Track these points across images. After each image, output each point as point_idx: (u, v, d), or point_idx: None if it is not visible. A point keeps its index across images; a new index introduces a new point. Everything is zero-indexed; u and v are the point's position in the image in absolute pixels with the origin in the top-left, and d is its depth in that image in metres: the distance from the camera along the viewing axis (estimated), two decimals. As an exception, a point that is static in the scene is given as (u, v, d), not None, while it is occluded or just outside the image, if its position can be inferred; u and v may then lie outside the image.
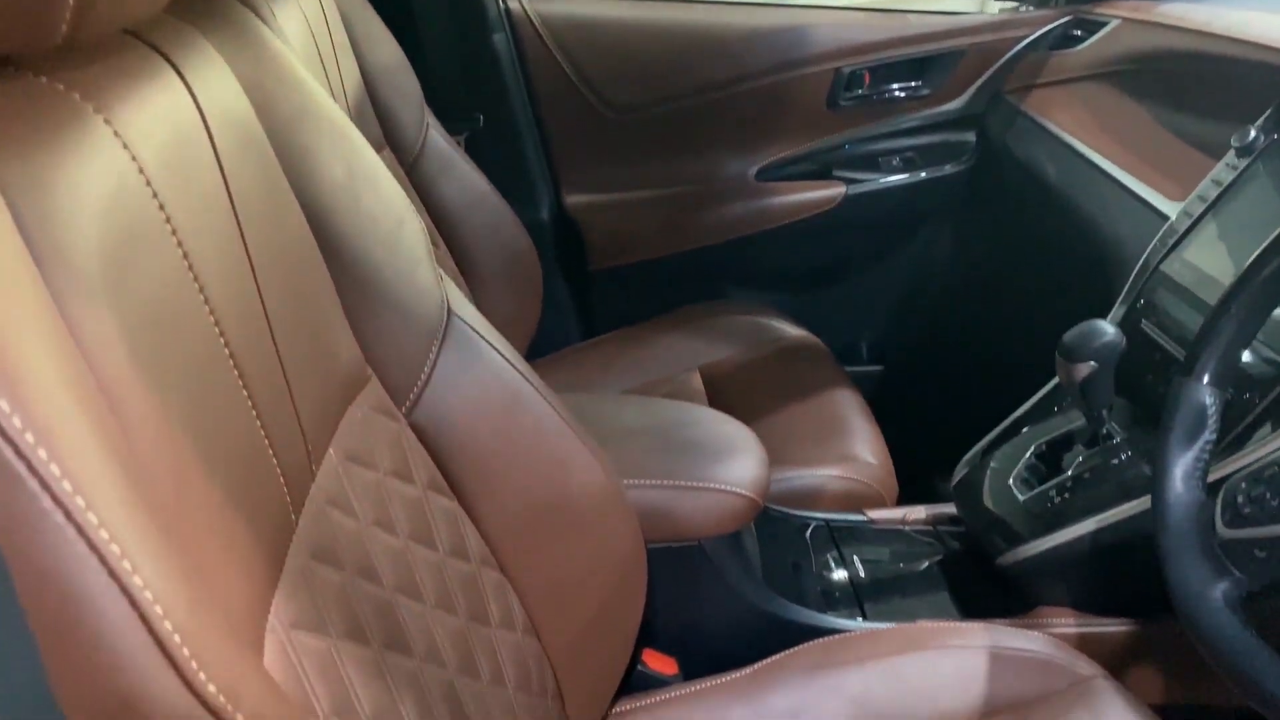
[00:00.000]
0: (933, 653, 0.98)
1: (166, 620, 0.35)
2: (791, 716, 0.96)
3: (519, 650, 0.81)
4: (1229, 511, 0.77)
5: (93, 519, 0.34)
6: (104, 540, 0.34)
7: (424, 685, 0.65)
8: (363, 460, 0.70)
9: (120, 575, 0.34)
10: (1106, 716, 0.90)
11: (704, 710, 0.98)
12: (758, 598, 1.07)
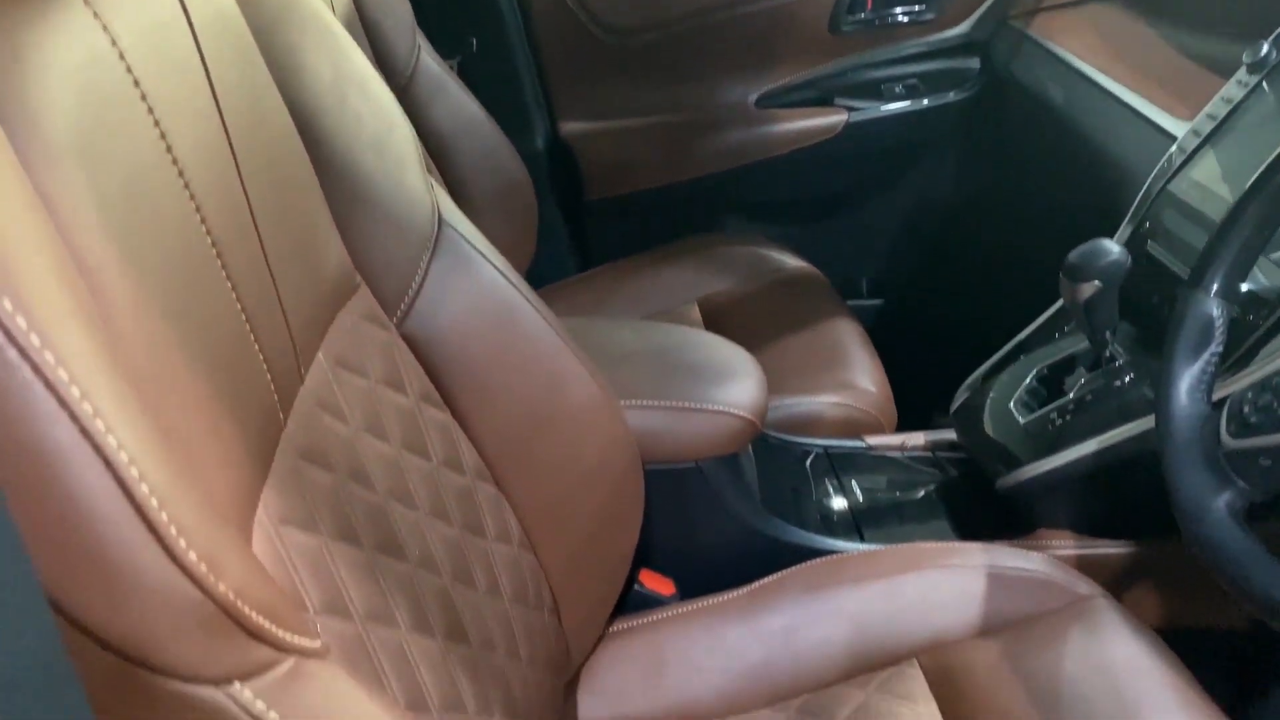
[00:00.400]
0: (930, 572, 0.98)
1: (143, 483, 0.33)
2: (788, 635, 0.96)
3: (515, 564, 0.81)
4: (1234, 422, 0.75)
5: (63, 375, 0.32)
6: (75, 397, 0.32)
7: (418, 590, 0.64)
8: (353, 367, 0.69)
9: (94, 434, 0.32)
10: (1105, 635, 0.90)
11: (700, 629, 0.98)
12: (755, 520, 1.07)
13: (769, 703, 0.93)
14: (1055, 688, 0.86)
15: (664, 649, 0.97)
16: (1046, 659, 0.89)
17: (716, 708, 0.94)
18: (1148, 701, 0.83)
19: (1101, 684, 0.85)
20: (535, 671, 0.79)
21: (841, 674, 0.94)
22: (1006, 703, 0.86)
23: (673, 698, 0.95)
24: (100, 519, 0.33)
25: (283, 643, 0.38)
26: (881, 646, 0.95)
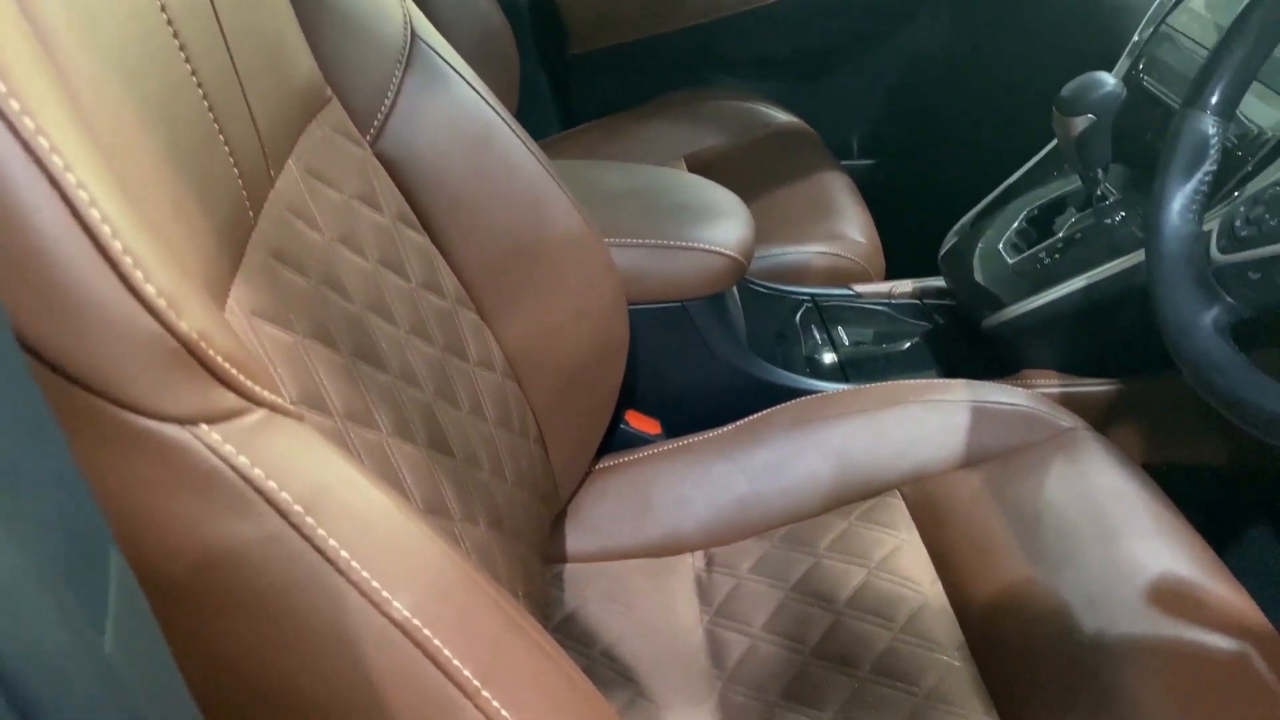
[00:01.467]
0: (914, 407, 0.98)
1: (105, 225, 0.32)
2: (773, 469, 0.97)
3: (499, 390, 0.80)
4: (1225, 238, 0.75)
5: (14, 105, 0.31)
6: (29, 129, 0.31)
7: (399, 400, 0.64)
8: (326, 179, 0.67)
9: (50, 168, 0.31)
10: (1086, 465, 0.91)
11: (686, 464, 0.99)
12: (741, 361, 1.07)
13: (753, 534, 0.95)
14: (1036, 514, 0.88)
15: (650, 484, 0.98)
16: (1028, 488, 0.90)
17: (702, 540, 0.96)
18: (1128, 527, 0.84)
19: (1082, 510, 0.86)
20: (521, 494, 0.80)
21: (825, 506, 0.95)
22: (987, 529, 0.88)
23: (659, 530, 0.97)
24: (57, 250, 0.32)
25: (252, 393, 0.37)
26: (865, 479, 0.96)
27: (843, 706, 0.79)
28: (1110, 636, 0.76)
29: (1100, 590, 0.80)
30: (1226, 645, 0.75)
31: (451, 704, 0.39)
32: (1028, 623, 0.80)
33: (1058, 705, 0.73)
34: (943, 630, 0.82)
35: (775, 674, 0.83)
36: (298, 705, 0.37)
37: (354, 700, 0.38)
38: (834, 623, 0.85)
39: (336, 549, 0.37)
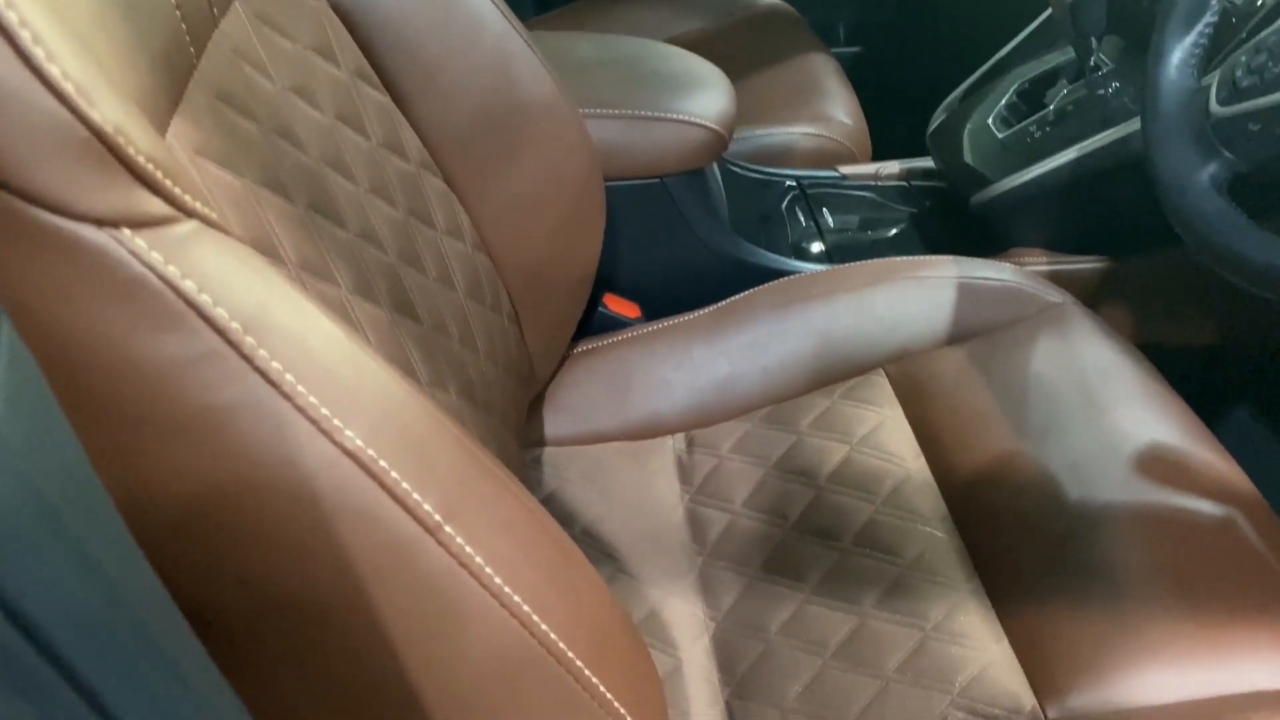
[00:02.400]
0: (900, 284, 0.95)
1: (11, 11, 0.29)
2: (755, 350, 0.95)
3: (469, 262, 0.77)
4: (1224, 90, 0.71)
5: None
6: None
7: (359, 259, 0.61)
8: (277, 26, 0.62)
9: None
10: (1074, 339, 0.89)
11: (666, 346, 0.96)
12: (723, 241, 1.04)
13: (735, 415, 0.93)
14: (1022, 388, 0.86)
15: (630, 367, 0.96)
16: (1014, 362, 0.88)
17: (682, 422, 0.94)
18: (1114, 397, 0.83)
19: (1069, 383, 0.85)
20: (495, 369, 0.78)
21: (808, 386, 0.93)
22: (971, 404, 0.86)
23: (639, 413, 0.95)
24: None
25: (181, 201, 0.34)
26: (848, 358, 0.94)
27: (824, 578, 0.78)
28: (1095, 505, 0.75)
29: (1086, 460, 0.78)
30: (1213, 511, 0.74)
31: (412, 541, 0.37)
32: (1012, 494, 0.79)
33: (1041, 574, 0.73)
34: (926, 503, 0.81)
35: (756, 548, 0.82)
36: (240, 535, 0.35)
37: (304, 535, 0.35)
38: (815, 498, 0.83)
39: (280, 371, 0.35)
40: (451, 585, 0.38)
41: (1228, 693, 0.63)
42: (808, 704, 0.71)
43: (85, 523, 0.23)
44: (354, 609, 0.36)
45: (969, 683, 0.68)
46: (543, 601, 0.40)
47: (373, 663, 0.37)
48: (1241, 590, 0.69)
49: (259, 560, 0.35)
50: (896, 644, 0.72)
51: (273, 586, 0.36)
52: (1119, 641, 0.67)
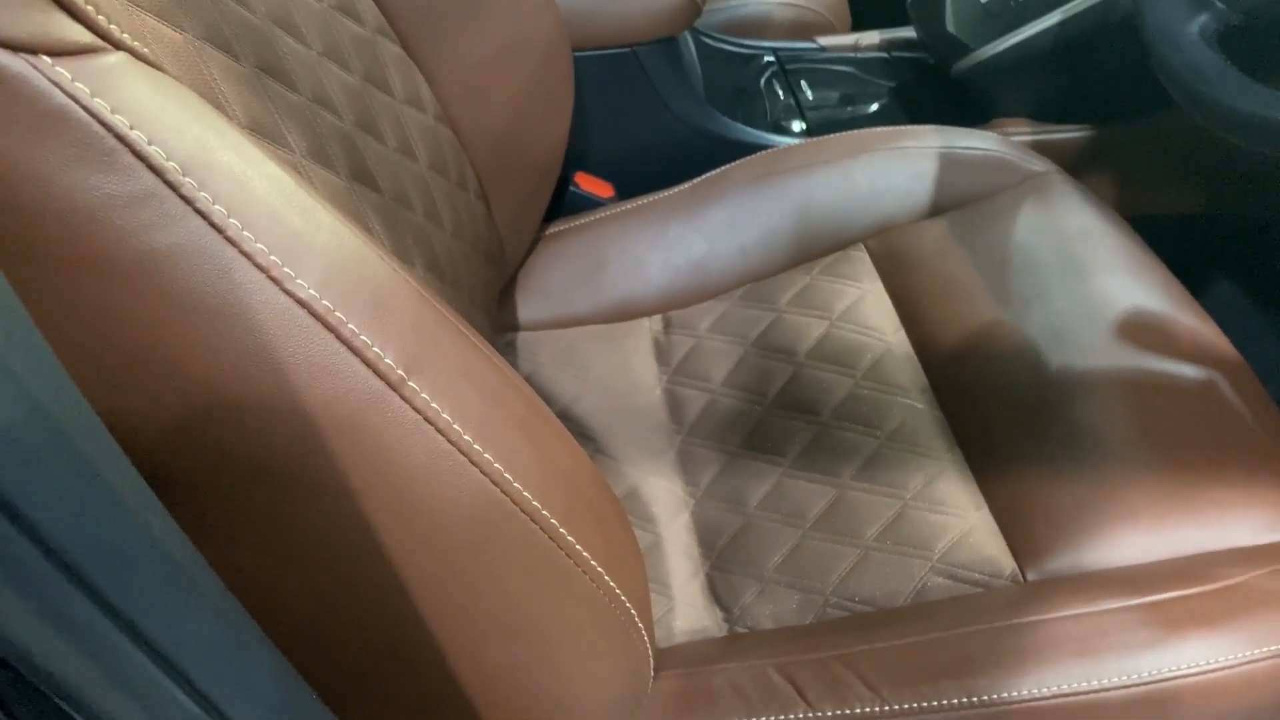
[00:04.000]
0: (880, 155, 0.93)
1: None
2: (731, 228, 0.92)
3: (432, 134, 0.74)
4: (1220, -65, 0.68)
5: None
6: None
7: (314, 124, 0.58)
8: None
9: None
10: (1057, 207, 0.87)
11: (641, 226, 0.94)
12: (697, 115, 1.00)
13: (712, 295, 0.91)
14: (1004, 257, 0.84)
15: (604, 248, 0.94)
16: (996, 232, 0.86)
17: (659, 303, 0.92)
18: (1097, 264, 0.81)
19: (1051, 250, 0.83)
20: (463, 246, 0.75)
21: (786, 263, 0.91)
22: (953, 275, 0.85)
23: (614, 295, 0.93)
24: None
25: (106, 31, 0.31)
26: (828, 233, 0.92)
27: (803, 452, 0.77)
28: (1077, 370, 0.75)
29: (1067, 326, 0.77)
30: (1194, 375, 0.74)
31: (374, 396, 0.35)
32: (993, 362, 0.78)
33: (1021, 441, 0.72)
34: (906, 375, 0.80)
35: (734, 425, 0.81)
36: (189, 386, 0.33)
37: (259, 389, 0.34)
38: (794, 374, 0.82)
39: (224, 215, 0.32)
40: (418, 442, 0.36)
41: (1206, 550, 0.63)
42: (787, 574, 0.71)
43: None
44: (317, 467, 0.35)
45: (949, 548, 0.68)
46: (514, 458, 0.39)
47: (339, 522, 0.36)
48: (1221, 451, 0.69)
49: (214, 416, 0.33)
50: (876, 513, 0.72)
51: (231, 443, 0.34)
52: (1098, 504, 0.67)
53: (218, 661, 0.27)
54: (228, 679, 0.27)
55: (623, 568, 0.44)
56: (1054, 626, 0.59)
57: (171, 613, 0.25)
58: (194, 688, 0.26)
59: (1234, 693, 0.56)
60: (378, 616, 0.39)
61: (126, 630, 0.24)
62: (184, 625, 0.26)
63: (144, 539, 0.25)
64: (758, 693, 0.60)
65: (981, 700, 0.56)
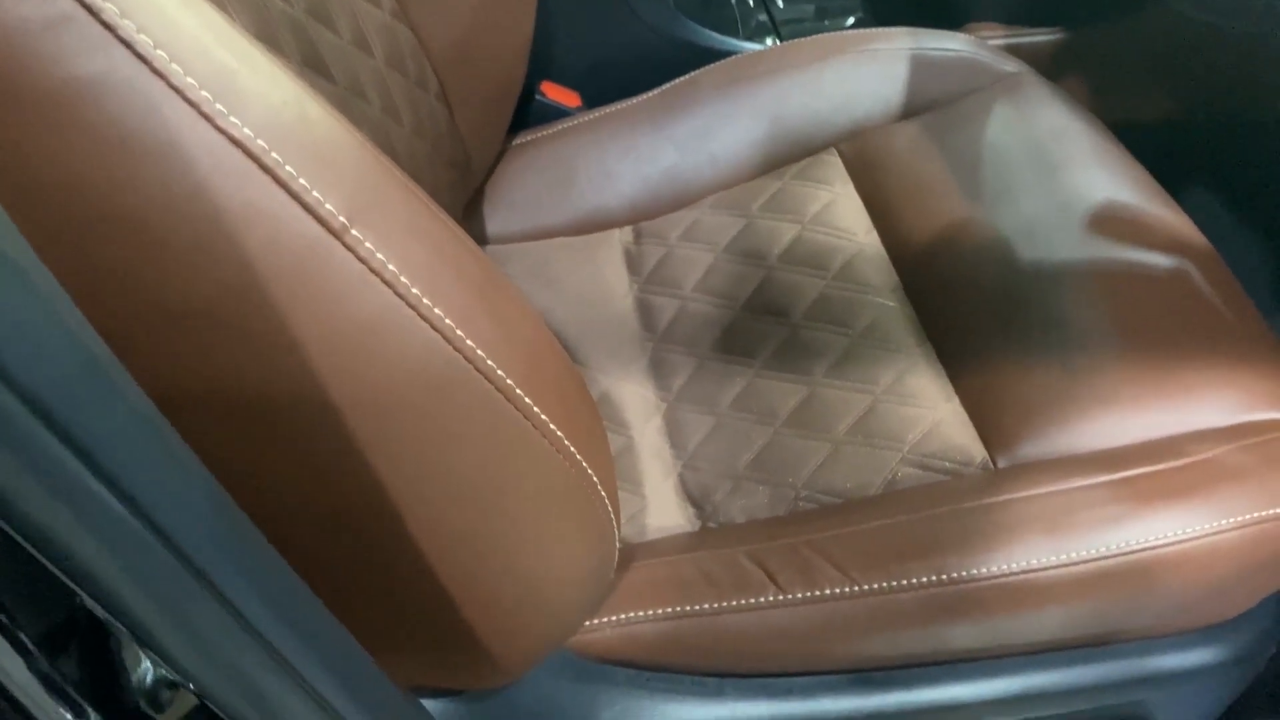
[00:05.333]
0: (852, 58, 0.91)
1: None
2: (702, 136, 0.91)
3: (389, 31, 0.72)
4: None
5: None
6: None
7: (261, 6, 0.56)
8: None
9: None
10: (1029, 107, 0.86)
11: (610, 136, 0.92)
12: (664, 22, 0.98)
13: (683, 204, 0.90)
14: (975, 157, 0.83)
15: (573, 158, 0.92)
16: (968, 133, 0.85)
17: (629, 214, 0.91)
18: (1069, 159, 0.80)
19: (1023, 149, 0.82)
20: (423, 145, 0.73)
21: (758, 170, 0.90)
22: (924, 176, 0.84)
23: (584, 207, 0.91)
24: None
25: None
26: (799, 139, 0.90)
27: (774, 353, 0.77)
28: (1048, 264, 0.74)
29: (1039, 221, 0.77)
30: (1166, 264, 0.73)
31: (315, 243, 0.34)
32: (964, 259, 0.77)
33: (992, 334, 0.72)
34: (877, 275, 0.79)
35: (706, 330, 0.80)
36: (124, 226, 0.31)
37: (194, 235, 0.32)
38: (766, 277, 0.82)
39: (150, 46, 0.31)
40: (364, 294, 0.35)
41: (1176, 433, 0.63)
42: (759, 470, 0.70)
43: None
44: (255, 315, 0.34)
45: (919, 439, 0.68)
46: (468, 317, 0.38)
47: (281, 376, 0.35)
48: (1192, 337, 0.69)
49: (147, 257, 0.32)
50: (847, 409, 0.71)
51: (163, 287, 0.33)
52: (1069, 392, 0.67)
53: (144, 466, 0.26)
54: (154, 485, 0.27)
55: (584, 436, 0.43)
56: (1023, 505, 0.59)
57: (91, 401, 0.25)
58: (118, 487, 0.25)
59: (1200, 564, 0.57)
60: (327, 481, 0.38)
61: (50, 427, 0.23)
62: (103, 421, 0.25)
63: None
64: (729, 578, 0.60)
65: (950, 578, 0.57)
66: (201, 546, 0.30)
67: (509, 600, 0.44)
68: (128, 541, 0.28)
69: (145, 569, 0.29)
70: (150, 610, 0.29)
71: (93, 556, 0.27)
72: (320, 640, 0.36)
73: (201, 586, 0.30)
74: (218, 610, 0.31)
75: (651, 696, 0.60)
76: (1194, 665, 0.65)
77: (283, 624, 0.33)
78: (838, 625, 0.59)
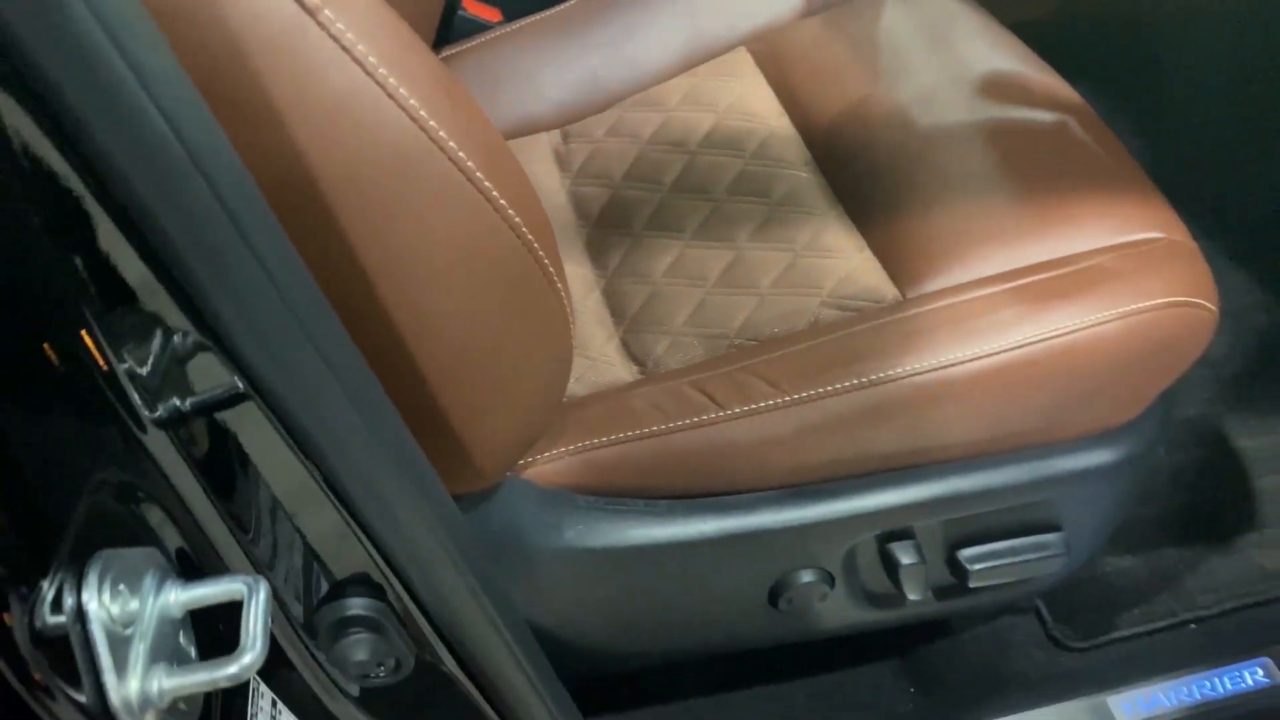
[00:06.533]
0: None
1: None
2: (621, 40, 0.96)
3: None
4: None
5: None
6: None
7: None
8: None
9: None
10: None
11: (531, 45, 0.96)
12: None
13: (606, 105, 0.95)
14: (874, 42, 0.90)
15: (496, 69, 0.96)
16: (865, 21, 0.92)
17: (556, 118, 0.95)
18: (959, 37, 0.88)
19: (916, 32, 0.89)
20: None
21: (675, 70, 0.95)
22: (828, 63, 0.90)
23: (512, 115, 0.95)
24: None
25: None
26: (712, 40, 0.96)
27: (701, 225, 0.82)
28: (944, 126, 0.81)
29: (933, 91, 0.84)
30: (1048, 118, 0.81)
31: (293, 20, 0.38)
32: (867, 130, 0.84)
33: (897, 191, 0.78)
34: (790, 151, 0.85)
35: (636, 212, 0.85)
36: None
37: (178, 13, 0.36)
38: (688, 162, 0.87)
39: None
40: (337, 71, 0.39)
41: (1054, 257, 0.71)
42: (694, 325, 0.76)
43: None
44: (241, 83, 0.38)
45: (836, 284, 0.74)
46: (432, 102, 0.42)
47: (264, 144, 0.39)
48: (1074, 177, 0.76)
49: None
50: (770, 266, 0.77)
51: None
52: (965, 231, 0.73)
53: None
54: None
55: (540, 231, 0.48)
56: (931, 315, 0.66)
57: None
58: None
59: (1087, 353, 0.64)
60: (324, 266, 0.42)
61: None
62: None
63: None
64: (674, 404, 0.66)
65: (870, 380, 0.63)
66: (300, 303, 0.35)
67: (482, 381, 0.49)
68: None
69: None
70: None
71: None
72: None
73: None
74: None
75: (608, 518, 0.65)
76: (1093, 465, 0.72)
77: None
78: (773, 436, 0.64)
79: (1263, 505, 1.03)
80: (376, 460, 0.37)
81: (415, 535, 0.39)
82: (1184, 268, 0.68)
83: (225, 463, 0.39)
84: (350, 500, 0.38)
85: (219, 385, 0.35)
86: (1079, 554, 0.77)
